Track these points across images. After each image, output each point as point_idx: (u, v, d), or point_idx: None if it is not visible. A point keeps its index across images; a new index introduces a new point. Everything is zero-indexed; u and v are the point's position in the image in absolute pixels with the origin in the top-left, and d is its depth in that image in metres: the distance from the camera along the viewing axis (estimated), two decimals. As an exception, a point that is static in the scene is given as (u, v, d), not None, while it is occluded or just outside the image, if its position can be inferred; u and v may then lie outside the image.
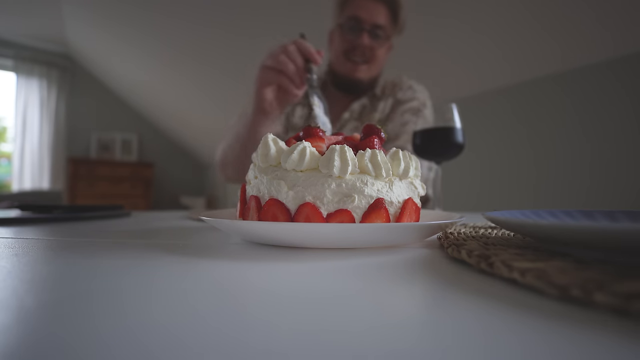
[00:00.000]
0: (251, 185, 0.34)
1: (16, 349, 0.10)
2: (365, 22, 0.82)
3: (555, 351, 0.11)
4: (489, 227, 0.37)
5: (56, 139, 3.64)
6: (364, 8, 0.83)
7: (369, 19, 0.82)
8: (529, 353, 0.10)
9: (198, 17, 2.29)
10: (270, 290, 0.17)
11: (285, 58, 0.59)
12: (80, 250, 0.28)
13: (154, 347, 0.10)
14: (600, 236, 0.18)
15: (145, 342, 0.11)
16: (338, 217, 0.29)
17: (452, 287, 0.18)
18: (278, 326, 0.12)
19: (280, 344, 0.11)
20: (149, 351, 0.10)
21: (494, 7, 1.54)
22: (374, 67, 0.89)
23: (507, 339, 0.11)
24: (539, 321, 0.13)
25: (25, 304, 0.14)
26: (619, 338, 0.11)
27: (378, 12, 0.83)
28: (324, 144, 0.33)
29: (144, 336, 0.11)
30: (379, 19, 0.83)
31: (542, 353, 0.10)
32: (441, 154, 0.64)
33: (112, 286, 0.18)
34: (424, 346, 0.11)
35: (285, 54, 0.59)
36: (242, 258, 0.25)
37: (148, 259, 0.24)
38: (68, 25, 3.13)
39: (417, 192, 0.34)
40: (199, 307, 0.14)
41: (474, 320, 0.13)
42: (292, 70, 0.59)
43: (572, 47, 1.59)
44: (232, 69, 2.64)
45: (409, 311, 0.15)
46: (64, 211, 0.62)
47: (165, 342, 0.11)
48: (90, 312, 0.14)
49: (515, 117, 1.87)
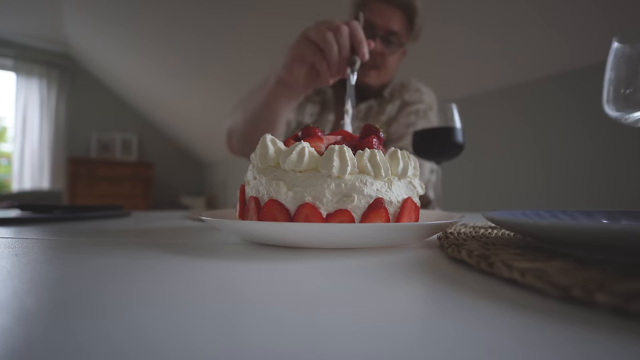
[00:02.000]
0: (250, 186, 0.34)
1: (16, 349, 0.10)
2: (379, 28, 0.80)
3: (555, 351, 0.11)
4: (489, 227, 0.37)
5: (56, 138, 3.64)
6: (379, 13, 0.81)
7: (383, 24, 0.81)
8: (529, 353, 0.10)
9: (198, 18, 2.29)
10: (270, 291, 0.17)
11: (332, 39, 0.50)
12: (80, 250, 0.28)
13: (147, 350, 0.10)
14: (600, 236, 0.18)
15: (138, 345, 0.11)
16: (337, 217, 0.29)
17: (452, 287, 0.18)
18: (277, 327, 0.12)
19: (279, 344, 0.11)
20: (145, 352, 0.10)
21: (495, 7, 1.54)
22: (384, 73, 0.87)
23: (507, 338, 0.11)
24: (539, 321, 0.13)
25: (26, 304, 0.14)
26: (619, 338, 0.11)
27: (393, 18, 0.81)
28: (323, 144, 0.33)
29: (137, 338, 0.11)
30: (393, 25, 0.81)
31: (542, 353, 0.10)
32: (441, 154, 0.64)
33: (112, 286, 0.18)
34: (423, 346, 0.11)
35: (334, 34, 0.51)
36: (242, 258, 0.25)
37: (147, 259, 0.24)
38: (68, 25, 3.13)
39: (416, 191, 0.35)
40: (197, 308, 0.14)
41: (474, 321, 0.13)
42: (335, 55, 0.51)
43: (572, 48, 1.59)
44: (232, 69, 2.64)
45: (409, 311, 0.15)
46: (64, 211, 0.62)
47: (163, 344, 0.11)
48: (90, 313, 0.14)
49: (515, 117, 1.87)
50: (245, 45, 2.30)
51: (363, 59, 0.52)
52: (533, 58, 1.71)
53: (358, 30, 0.52)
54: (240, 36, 2.26)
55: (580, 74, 1.64)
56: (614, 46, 0.38)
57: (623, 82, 0.37)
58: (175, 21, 2.40)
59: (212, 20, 2.25)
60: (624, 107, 0.37)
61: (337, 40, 0.51)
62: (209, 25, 2.30)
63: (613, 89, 0.38)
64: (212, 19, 2.23)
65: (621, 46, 0.37)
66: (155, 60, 3.08)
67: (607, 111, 0.39)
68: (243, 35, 2.23)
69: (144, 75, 3.43)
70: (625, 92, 0.36)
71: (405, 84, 0.95)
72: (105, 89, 4.03)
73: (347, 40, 0.51)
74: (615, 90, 0.37)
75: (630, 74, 0.36)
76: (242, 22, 2.13)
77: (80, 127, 3.86)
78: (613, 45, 0.38)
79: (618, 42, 0.38)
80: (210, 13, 2.18)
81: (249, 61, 2.44)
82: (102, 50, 3.35)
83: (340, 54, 0.51)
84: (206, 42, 2.48)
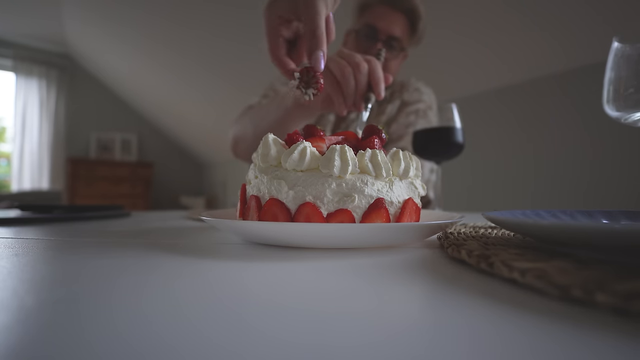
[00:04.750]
0: (251, 185, 0.34)
1: (16, 349, 0.10)
2: (382, 33, 0.81)
3: (555, 351, 0.11)
4: (489, 227, 0.37)
5: (55, 138, 3.64)
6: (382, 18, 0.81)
7: (386, 29, 0.81)
8: (529, 353, 0.10)
9: (198, 18, 2.29)
10: (269, 291, 0.17)
11: (351, 75, 0.50)
12: (80, 250, 0.28)
13: (147, 350, 0.10)
14: (600, 236, 0.18)
15: (138, 345, 0.11)
16: (338, 217, 0.29)
17: (452, 287, 0.18)
18: (277, 328, 0.12)
19: (279, 345, 0.11)
20: (141, 354, 0.10)
21: (495, 7, 1.54)
22: None
23: (507, 338, 0.11)
24: (539, 321, 0.13)
25: (25, 304, 0.14)
26: (619, 338, 0.11)
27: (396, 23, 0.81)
28: (325, 143, 0.33)
29: (137, 339, 0.11)
30: (395, 31, 0.81)
31: (542, 353, 0.10)
32: (441, 154, 0.64)
33: (112, 287, 0.18)
34: (423, 346, 0.11)
35: (353, 70, 0.51)
36: (242, 258, 0.25)
37: (147, 260, 0.24)
38: (67, 25, 3.13)
39: (417, 192, 0.35)
40: (196, 309, 0.14)
41: (474, 321, 0.13)
42: (352, 91, 0.51)
43: (572, 47, 1.59)
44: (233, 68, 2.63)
45: (409, 312, 0.15)
46: (63, 211, 0.62)
47: (159, 346, 0.11)
48: (90, 313, 0.14)
49: (515, 117, 1.87)
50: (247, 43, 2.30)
51: (379, 98, 0.52)
52: (533, 58, 1.71)
53: (377, 69, 0.52)
54: (242, 33, 2.25)
55: (581, 74, 1.64)
56: (614, 46, 0.38)
57: (623, 82, 0.37)
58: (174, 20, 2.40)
59: (211, 18, 2.25)
60: (624, 107, 0.37)
61: (355, 77, 0.51)
62: (209, 23, 2.30)
63: (613, 89, 0.38)
64: (212, 16, 2.23)
65: (621, 46, 0.38)
66: (155, 60, 3.08)
67: (607, 111, 0.39)
68: (244, 32, 2.23)
69: (144, 75, 3.43)
70: (626, 92, 0.36)
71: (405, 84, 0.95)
72: (105, 88, 4.03)
73: (365, 78, 0.51)
74: (616, 90, 0.37)
75: (630, 74, 0.36)
76: (244, 18, 2.13)
77: (79, 127, 3.86)
78: (613, 45, 0.38)
79: (618, 42, 0.38)
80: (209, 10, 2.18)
81: (250, 60, 2.44)
82: (101, 50, 3.35)
83: (356, 91, 0.51)
84: (206, 40, 2.48)
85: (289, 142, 0.33)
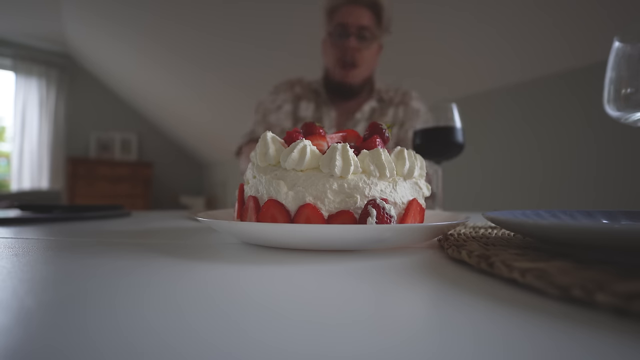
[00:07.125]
0: (249, 185, 0.33)
1: (16, 350, 0.10)
2: (352, 26, 0.87)
3: (556, 351, 0.11)
4: (489, 227, 0.37)
5: (55, 138, 3.63)
6: (349, 14, 0.88)
7: (355, 22, 0.87)
8: (529, 353, 0.10)
9: (197, 19, 2.28)
10: (268, 294, 0.17)
11: None
12: (80, 250, 0.28)
13: (147, 350, 0.10)
14: (600, 236, 0.18)
15: (138, 345, 0.11)
16: (339, 218, 0.28)
17: (453, 287, 0.18)
18: (277, 329, 0.12)
19: (279, 346, 0.11)
20: (140, 354, 0.10)
21: (494, 6, 1.54)
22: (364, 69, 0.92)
23: (507, 338, 0.11)
24: (539, 321, 0.13)
25: (26, 304, 0.14)
26: (620, 338, 0.11)
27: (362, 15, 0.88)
28: (325, 142, 0.32)
29: (136, 339, 0.11)
30: (363, 21, 0.88)
31: (542, 353, 0.10)
32: (441, 154, 0.64)
33: (111, 287, 0.17)
34: (424, 346, 0.11)
35: None
36: (240, 260, 0.25)
37: (147, 260, 0.24)
38: (67, 25, 3.13)
39: (421, 192, 0.33)
40: (194, 310, 0.14)
41: (474, 320, 0.13)
42: None
43: (573, 47, 1.58)
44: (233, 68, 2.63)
45: (410, 311, 0.15)
46: (63, 211, 0.62)
47: (156, 348, 0.11)
48: (90, 313, 0.14)
49: (515, 117, 1.87)
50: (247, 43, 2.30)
51: None
52: (533, 57, 1.71)
53: None
54: (240, 33, 2.25)
55: (581, 74, 1.64)
56: (615, 46, 0.38)
57: (624, 81, 0.37)
58: (174, 19, 2.40)
59: (210, 17, 2.24)
60: (624, 107, 0.37)
61: None
62: (208, 22, 2.29)
63: (614, 88, 0.38)
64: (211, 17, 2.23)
65: (622, 46, 0.37)
66: (155, 60, 3.07)
67: (608, 111, 0.39)
68: (243, 32, 2.23)
69: (144, 75, 3.43)
70: (626, 91, 0.36)
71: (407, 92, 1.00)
72: (105, 88, 4.02)
73: None
74: (616, 90, 0.37)
75: (631, 73, 0.36)
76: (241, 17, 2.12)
77: (79, 127, 3.86)
78: (614, 45, 0.38)
79: (619, 42, 0.38)
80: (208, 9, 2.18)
81: (249, 60, 2.43)
82: (101, 50, 3.34)
83: None
84: (205, 40, 2.48)
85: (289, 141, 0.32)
